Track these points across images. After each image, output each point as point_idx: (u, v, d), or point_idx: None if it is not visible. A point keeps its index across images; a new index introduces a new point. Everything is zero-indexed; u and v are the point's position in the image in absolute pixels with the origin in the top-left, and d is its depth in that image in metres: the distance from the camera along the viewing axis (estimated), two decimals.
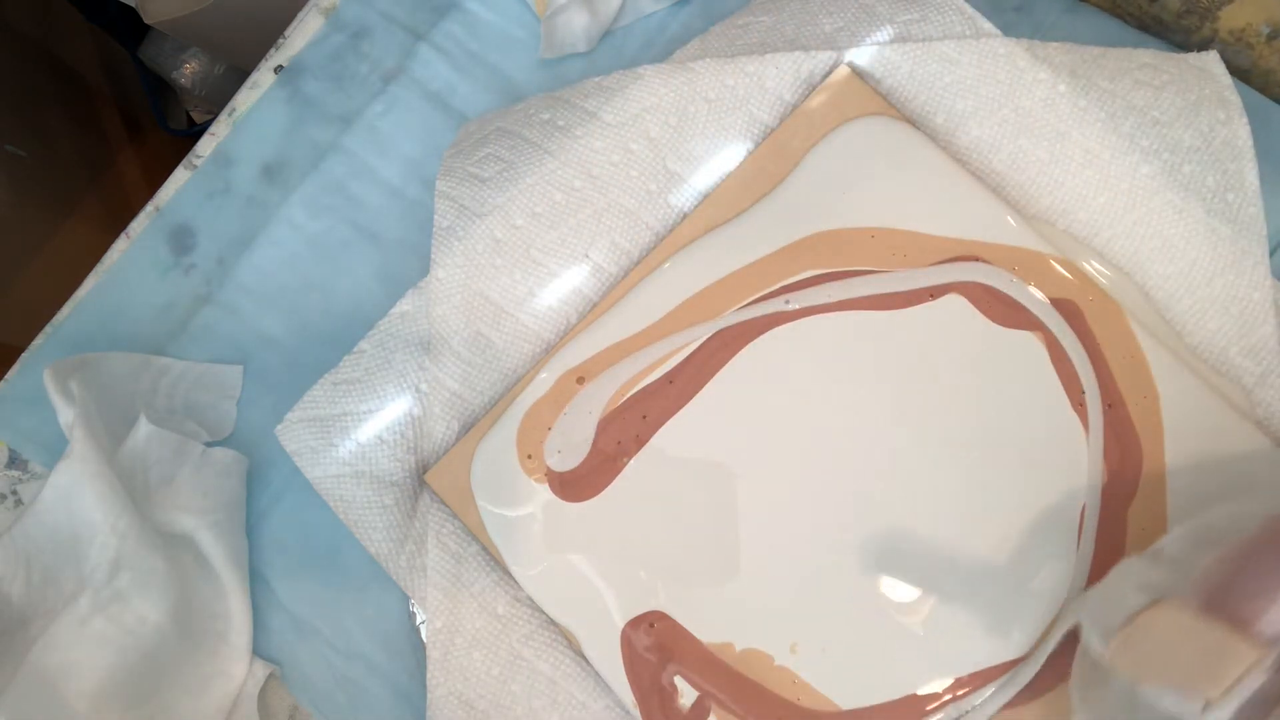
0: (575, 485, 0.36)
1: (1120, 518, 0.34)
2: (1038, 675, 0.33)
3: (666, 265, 0.37)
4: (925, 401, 0.36)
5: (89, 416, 0.36)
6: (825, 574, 0.35)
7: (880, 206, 0.37)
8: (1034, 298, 0.36)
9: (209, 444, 0.39)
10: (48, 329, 0.42)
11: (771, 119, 0.38)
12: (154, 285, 0.42)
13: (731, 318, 0.37)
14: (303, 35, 0.44)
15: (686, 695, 0.34)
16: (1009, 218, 0.36)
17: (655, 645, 0.35)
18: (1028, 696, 0.33)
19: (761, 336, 0.36)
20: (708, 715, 0.34)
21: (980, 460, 0.35)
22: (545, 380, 0.37)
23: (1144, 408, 0.35)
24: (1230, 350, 0.35)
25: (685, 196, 0.38)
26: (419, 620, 0.37)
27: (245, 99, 0.44)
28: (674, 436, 0.36)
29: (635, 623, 0.35)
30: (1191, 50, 0.39)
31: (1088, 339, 0.35)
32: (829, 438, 0.36)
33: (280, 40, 0.44)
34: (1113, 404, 0.35)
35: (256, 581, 0.39)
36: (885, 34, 0.38)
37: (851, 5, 0.38)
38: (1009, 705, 0.33)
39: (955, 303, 0.36)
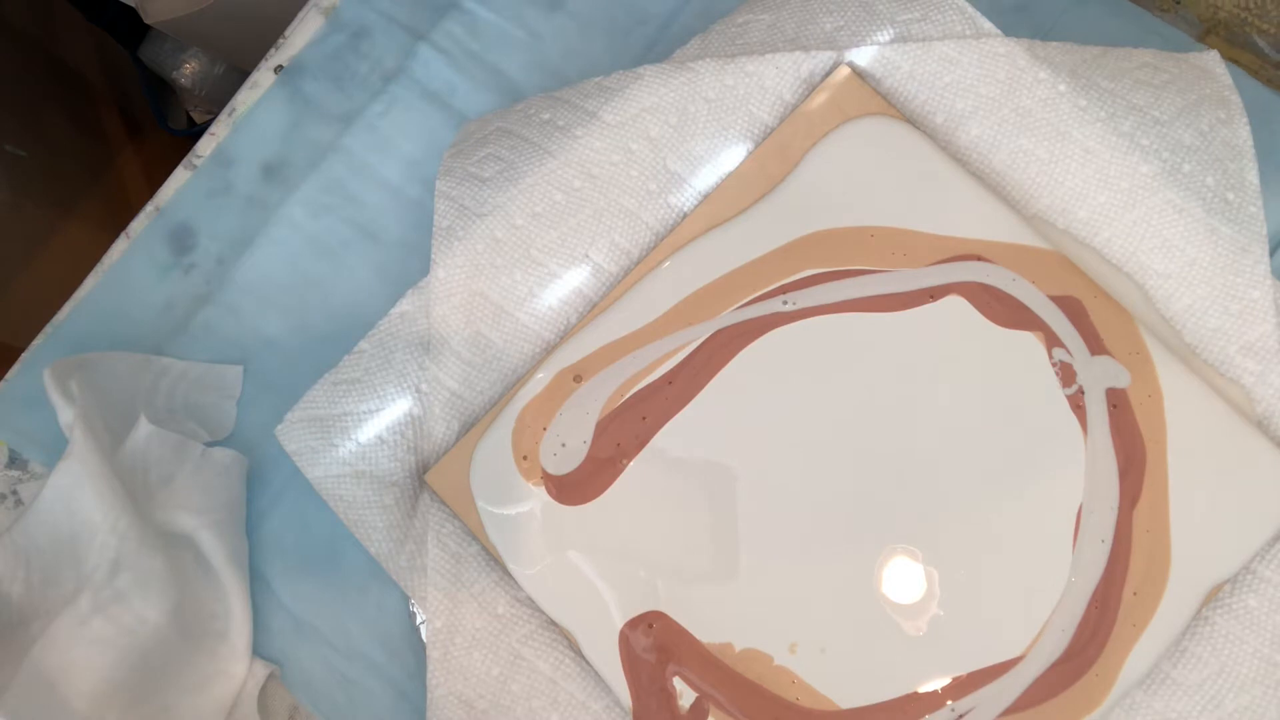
0: (573, 489, 0.36)
1: (1125, 519, 0.34)
2: (1037, 678, 0.33)
3: (666, 264, 0.37)
4: (924, 402, 0.36)
5: (89, 416, 0.36)
6: (824, 574, 0.35)
7: (880, 206, 0.37)
8: (1035, 296, 0.36)
9: (209, 444, 0.39)
10: (48, 329, 0.42)
11: (771, 119, 0.38)
12: (154, 285, 0.42)
13: (731, 317, 0.37)
14: (303, 35, 0.44)
15: (685, 696, 0.34)
16: (1009, 217, 0.36)
17: (654, 645, 0.35)
18: (1028, 700, 0.33)
19: (762, 337, 0.36)
20: (706, 716, 0.34)
21: (979, 461, 0.35)
22: (542, 380, 0.37)
23: (1148, 408, 0.35)
24: (1230, 349, 0.35)
25: (685, 196, 0.38)
26: (419, 620, 0.37)
27: (245, 99, 0.44)
28: (674, 437, 0.36)
29: (634, 623, 0.35)
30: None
31: (1091, 337, 0.35)
32: (829, 438, 0.36)
33: (280, 40, 0.44)
34: (1117, 404, 0.35)
35: (256, 581, 0.39)
36: (885, 34, 0.38)
37: (852, 4, 0.38)
38: (1009, 709, 0.33)
39: (955, 304, 0.36)
